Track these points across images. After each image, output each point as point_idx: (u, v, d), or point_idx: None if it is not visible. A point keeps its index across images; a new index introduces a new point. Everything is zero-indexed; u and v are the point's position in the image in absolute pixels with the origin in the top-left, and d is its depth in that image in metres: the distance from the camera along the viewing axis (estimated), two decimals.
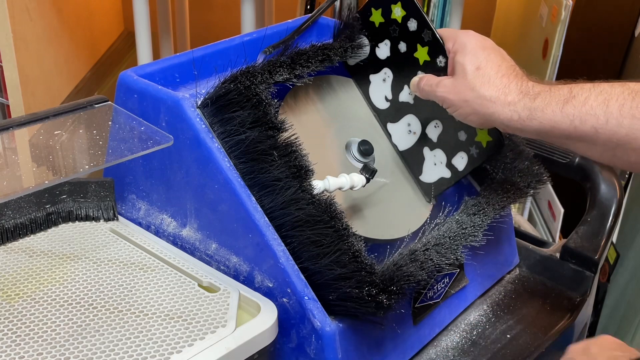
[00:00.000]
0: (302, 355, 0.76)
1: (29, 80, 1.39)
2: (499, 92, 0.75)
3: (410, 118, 0.90)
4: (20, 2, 1.35)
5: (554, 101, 0.72)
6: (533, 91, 0.74)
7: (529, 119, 0.73)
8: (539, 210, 1.57)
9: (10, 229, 0.81)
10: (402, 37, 0.88)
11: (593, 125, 0.70)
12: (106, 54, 1.87)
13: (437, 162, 0.90)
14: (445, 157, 0.89)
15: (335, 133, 0.87)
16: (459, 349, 0.88)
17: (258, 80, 0.77)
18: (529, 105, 0.73)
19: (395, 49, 0.89)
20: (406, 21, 0.87)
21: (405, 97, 0.90)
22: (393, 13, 0.87)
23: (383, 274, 0.73)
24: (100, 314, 0.70)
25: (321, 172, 0.79)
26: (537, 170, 0.95)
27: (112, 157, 0.76)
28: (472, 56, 0.77)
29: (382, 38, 0.89)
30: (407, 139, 0.91)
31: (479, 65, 0.76)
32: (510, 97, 0.74)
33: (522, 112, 0.73)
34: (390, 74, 0.90)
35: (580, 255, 0.98)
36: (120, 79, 0.84)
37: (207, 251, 0.81)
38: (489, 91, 0.75)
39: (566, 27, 1.39)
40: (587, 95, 0.71)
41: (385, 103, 0.91)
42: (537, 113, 0.73)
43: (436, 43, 0.84)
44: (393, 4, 0.87)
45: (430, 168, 0.91)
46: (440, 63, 0.84)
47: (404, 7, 0.86)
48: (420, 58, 0.86)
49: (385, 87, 0.91)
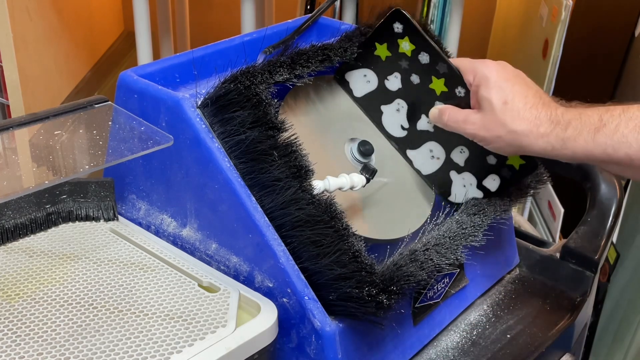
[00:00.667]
0: (302, 355, 0.76)
1: (29, 80, 1.39)
2: (531, 125, 0.74)
3: (432, 145, 0.88)
4: (20, 2, 1.35)
5: (585, 130, 0.72)
6: (563, 119, 0.73)
7: (562, 148, 0.74)
8: (539, 210, 1.57)
9: (10, 229, 0.81)
10: (414, 70, 0.85)
11: (626, 153, 0.71)
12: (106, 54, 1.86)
13: (467, 184, 0.89)
14: (475, 179, 0.88)
15: (335, 133, 0.87)
16: (459, 349, 0.88)
17: (258, 80, 0.77)
18: (562, 135, 0.73)
19: (407, 81, 0.86)
20: (417, 55, 0.84)
21: (424, 125, 0.87)
22: (401, 47, 0.84)
23: (383, 274, 0.73)
24: (100, 314, 0.70)
25: (321, 172, 0.79)
26: (537, 170, 0.95)
27: (112, 157, 0.76)
28: (498, 90, 0.76)
29: (391, 71, 0.86)
30: (430, 163, 0.89)
31: (505, 99, 0.75)
32: (542, 128, 0.74)
33: (555, 142, 0.74)
34: (405, 104, 0.87)
35: (581, 255, 0.98)
36: (120, 79, 0.84)
37: (207, 251, 0.81)
38: (521, 126, 0.75)
39: (566, 27, 1.39)
40: (617, 122, 0.71)
41: (402, 131, 0.89)
42: (569, 143, 0.73)
43: (453, 74, 0.82)
44: (400, 39, 0.83)
45: (459, 190, 0.89)
46: (460, 93, 0.82)
47: (413, 42, 0.83)
48: (436, 89, 0.84)
49: (400, 116, 0.88)
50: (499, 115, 0.75)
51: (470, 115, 0.79)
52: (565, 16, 1.38)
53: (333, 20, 1.02)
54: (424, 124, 0.88)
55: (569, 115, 0.74)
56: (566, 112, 0.74)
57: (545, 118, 0.74)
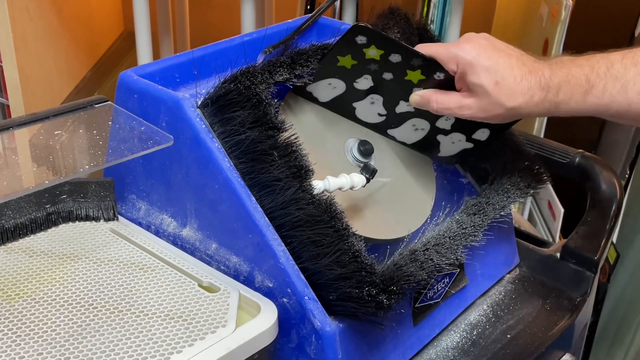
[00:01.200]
0: (302, 355, 0.76)
1: (29, 80, 1.39)
2: (526, 97, 0.76)
3: (415, 121, 0.88)
4: (20, 2, 1.35)
5: (575, 93, 0.76)
6: (553, 83, 0.76)
7: (556, 110, 0.77)
8: (539, 210, 1.57)
9: (10, 229, 0.81)
10: (386, 69, 0.82)
11: (617, 110, 0.76)
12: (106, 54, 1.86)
13: (455, 141, 0.88)
14: (464, 136, 0.88)
15: (335, 133, 0.87)
16: (459, 349, 0.88)
17: (258, 80, 0.77)
18: (554, 100, 0.76)
19: (379, 79, 0.83)
20: (387, 57, 0.81)
21: (403, 109, 0.86)
22: (367, 55, 0.81)
23: (383, 274, 0.73)
24: (100, 314, 0.70)
25: (321, 172, 0.79)
26: (537, 170, 0.95)
27: (112, 157, 0.76)
28: (485, 73, 0.76)
29: (360, 75, 0.83)
30: (414, 134, 0.89)
31: (496, 80, 0.76)
32: (536, 97, 0.76)
33: (550, 107, 0.77)
34: (379, 97, 0.86)
35: (581, 255, 0.98)
36: (120, 79, 0.84)
37: (207, 251, 0.81)
38: (517, 101, 0.76)
39: (566, 27, 1.39)
40: (604, 83, 0.75)
41: (379, 117, 0.88)
42: (562, 106, 0.76)
43: (429, 64, 0.80)
44: (365, 48, 0.80)
45: (448, 146, 0.89)
46: (439, 77, 0.81)
47: (380, 48, 0.80)
48: (413, 79, 0.82)
49: (376, 107, 0.87)
50: (494, 97, 0.76)
51: (463, 100, 0.79)
52: (565, 16, 1.38)
53: (333, 20, 1.02)
54: (404, 108, 0.86)
55: (557, 78, 0.76)
56: (553, 75, 0.76)
57: (536, 87, 0.76)
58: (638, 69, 0.74)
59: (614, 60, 0.76)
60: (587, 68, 0.76)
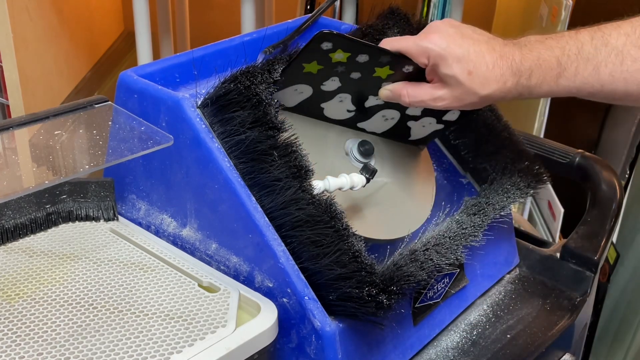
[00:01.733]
0: (302, 355, 0.76)
1: (29, 80, 1.39)
2: (499, 84, 0.76)
3: (384, 112, 0.87)
4: (20, 2, 1.35)
5: (547, 77, 0.76)
6: (524, 67, 0.76)
7: (529, 94, 0.77)
8: (539, 210, 1.57)
9: (10, 229, 0.81)
10: (354, 69, 0.81)
11: (589, 92, 0.76)
12: (106, 54, 1.87)
13: (426, 124, 0.88)
14: (435, 119, 0.88)
15: (335, 133, 0.87)
16: (459, 349, 0.88)
17: (258, 80, 0.77)
18: (527, 84, 0.76)
19: (346, 79, 0.82)
20: (354, 58, 0.80)
21: (372, 102, 0.85)
22: (334, 58, 0.79)
23: (383, 274, 0.73)
24: (100, 314, 0.70)
25: (321, 172, 0.79)
26: (537, 170, 0.95)
27: (112, 157, 0.76)
28: (457, 63, 0.76)
29: (327, 78, 0.82)
30: (384, 124, 0.88)
31: (469, 69, 0.76)
32: (509, 83, 0.76)
33: (522, 90, 0.77)
34: (347, 96, 0.84)
35: (581, 255, 0.98)
36: (120, 79, 0.84)
37: (207, 251, 0.81)
38: (491, 88, 0.76)
39: (566, 27, 1.39)
40: (575, 65, 0.75)
41: (348, 114, 0.87)
42: (535, 90, 0.77)
43: (397, 59, 0.79)
44: (331, 53, 0.79)
45: (419, 130, 0.89)
46: (408, 70, 0.80)
47: (347, 50, 0.79)
48: (382, 75, 0.81)
49: (345, 105, 0.85)
50: (467, 87, 0.76)
51: (436, 91, 0.78)
52: (565, 16, 1.38)
53: (333, 20, 1.02)
54: (373, 102, 0.85)
55: (527, 62, 0.76)
56: (524, 59, 0.76)
57: (508, 72, 0.76)
58: (609, 49, 0.74)
59: (584, 40, 0.75)
60: (557, 50, 0.75)
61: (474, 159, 0.96)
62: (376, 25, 0.92)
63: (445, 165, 0.96)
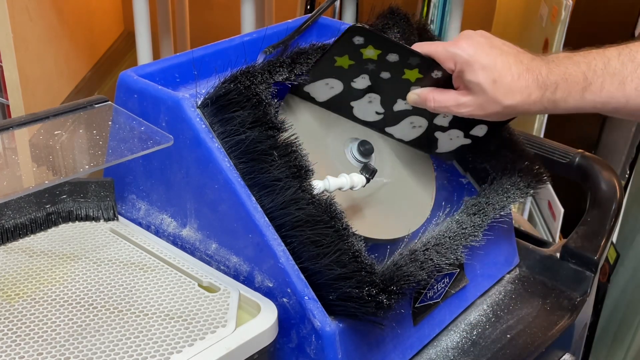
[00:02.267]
0: (302, 355, 0.76)
1: (29, 80, 1.39)
2: (524, 96, 0.76)
3: (413, 118, 0.88)
4: (20, 2, 1.35)
5: (573, 91, 0.76)
6: (550, 82, 0.76)
7: (554, 108, 0.78)
8: (539, 210, 1.57)
9: (10, 229, 0.81)
10: (383, 69, 0.82)
11: (615, 107, 0.76)
12: (106, 54, 1.87)
13: (454, 137, 0.89)
14: (462, 132, 0.88)
15: (335, 133, 0.87)
16: (459, 349, 0.88)
17: (258, 80, 0.77)
18: (552, 98, 0.76)
19: (376, 78, 0.83)
20: (384, 56, 0.81)
21: (401, 107, 0.86)
22: (365, 55, 0.81)
23: (383, 274, 0.73)
24: (100, 314, 0.70)
25: (321, 172, 0.79)
26: (537, 170, 0.95)
27: (112, 157, 0.76)
28: (483, 71, 0.76)
29: (358, 74, 0.83)
30: (412, 132, 0.89)
31: (494, 78, 0.76)
32: (534, 96, 0.76)
33: (547, 105, 0.77)
34: (377, 97, 0.86)
35: (581, 255, 0.98)
36: (120, 79, 0.84)
37: (207, 251, 0.81)
38: (515, 99, 0.76)
39: (566, 27, 1.39)
40: (601, 80, 0.75)
41: (377, 116, 0.88)
42: (560, 104, 0.77)
43: (427, 63, 0.80)
44: (362, 48, 0.80)
45: (446, 142, 0.89)
46: (437, 75, 0.81)
47: (378, 47, 0.80)
48: (411, 78, 0.82)
49: (373, 106, 0.87)
50: (491, 95, 0.77)
51: (461, 97, 0.79)
52: (565, 16, 1.38)
53: (333, 20, 1.02)
54: (402, 106, 0.86)
55: (554, 76, 0.76)
56: (550, 73, 0.76)
57: (534, 85, 0.76)
58: (635, 64, 0.75)
59: (611, 56, 0.76)
60: (583, 65, 0.76)
61: (474, 159, 0.96)
62: (376, 26, 0.92)
63: (445, 165, 0.96)
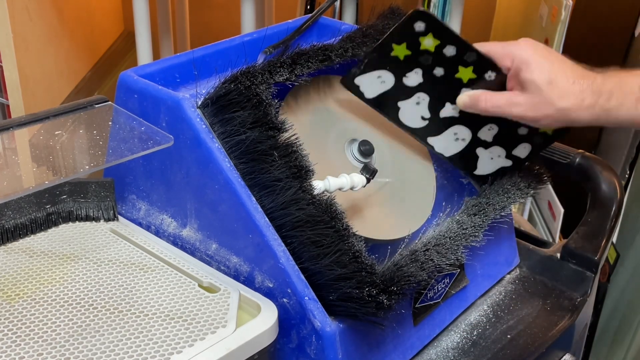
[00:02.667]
0: (302, 355, 0.76)
1: (29, 80, 1.39)
2: (578, 100, 0.77)
3: (457, 128, 0.87)
4: (20, 2, 1.35)
5: (627, 100, 0.76)
6: (605, 89, 0.76)
7: (607, 118, 0.77)
8: (539, 210, 1.57)
9: (10, 229, 0.81)
10: (438, 64, 0.82)
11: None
12: (106, 54, 1.87)
13: (495, 157, 0.88)
14: (505, 151, 0.88)
15: (335, 133, 0.87)
16: (459, 349, 0.88)
17: (258, 80, 0.77)
18: (606, 106, 0.76)
19: (429, 74, 0.83)
20: (441, 49, 0.81)
21: (448, 112, 0.86)
22: (423, 45, 0.80)
23: (383, 275, 0.73)
24: (100, 314, 0.70)
25: (321, 172, 0.79)
26: (537, 170, 0.95)
27: (112, 157, 0.76)
28: (540, 70, 0.77)
29: (411, 69, 0.83)
30: (454, 145, 0.88)
31: (549, 78, 0.77)
32: (587, 101, 0.76)
33: (600, 113, 0.77)
34: (426, 97, 0.85)
35: (581, 255, 0.98)
36: (120, 79, 0.84)
37: (207, 251, 0.81)
38: (569, 102, 0.77)
39: (566, 27, 1.39)
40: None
41: (422, 122, 0.87)
42: (613, 112, 0.77)
43: (482, 61, 0.81)
44: (422, 36, 0.80)
45: (486, 162, 0.89)
46: (490, 77, 0.81)
47: (437, 37, 0.80)
48: (463, 77, 0.82)
49: (421, 108, 0.86)
50: (545, 95, 0.77)
51: (513, 97, 0.79)
52: (565, 16, 1.38)
53: (333, 20, 1.02)
54: (449, 111, 0.85)
55: (609, 85, 0.76)
56: (605, 82, 0.77)
57: (588, 90, 0.76)
58: None
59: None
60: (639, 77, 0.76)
61: None
62: (376, 26, 0.92)
63: (446, 165, 0.96)
